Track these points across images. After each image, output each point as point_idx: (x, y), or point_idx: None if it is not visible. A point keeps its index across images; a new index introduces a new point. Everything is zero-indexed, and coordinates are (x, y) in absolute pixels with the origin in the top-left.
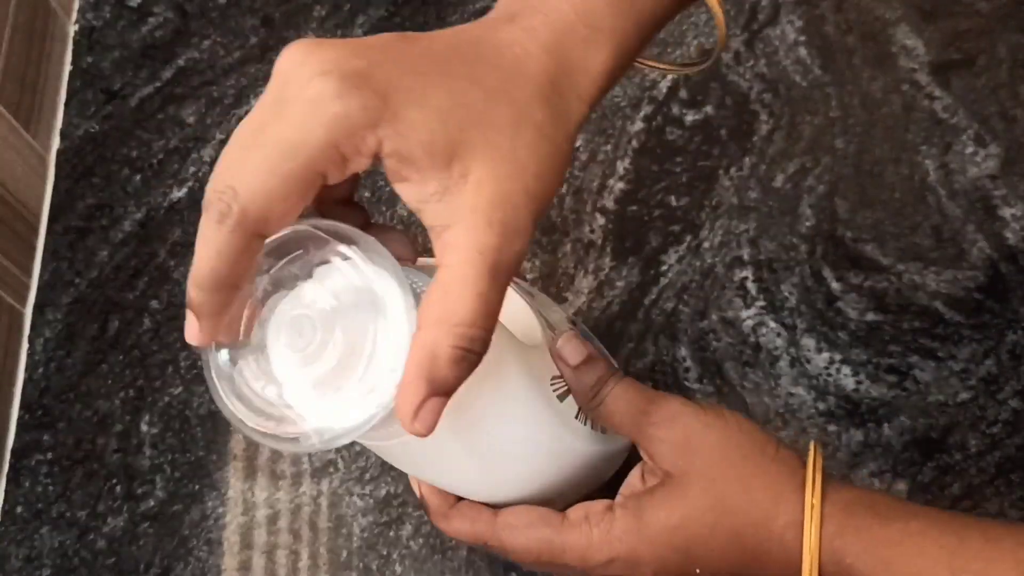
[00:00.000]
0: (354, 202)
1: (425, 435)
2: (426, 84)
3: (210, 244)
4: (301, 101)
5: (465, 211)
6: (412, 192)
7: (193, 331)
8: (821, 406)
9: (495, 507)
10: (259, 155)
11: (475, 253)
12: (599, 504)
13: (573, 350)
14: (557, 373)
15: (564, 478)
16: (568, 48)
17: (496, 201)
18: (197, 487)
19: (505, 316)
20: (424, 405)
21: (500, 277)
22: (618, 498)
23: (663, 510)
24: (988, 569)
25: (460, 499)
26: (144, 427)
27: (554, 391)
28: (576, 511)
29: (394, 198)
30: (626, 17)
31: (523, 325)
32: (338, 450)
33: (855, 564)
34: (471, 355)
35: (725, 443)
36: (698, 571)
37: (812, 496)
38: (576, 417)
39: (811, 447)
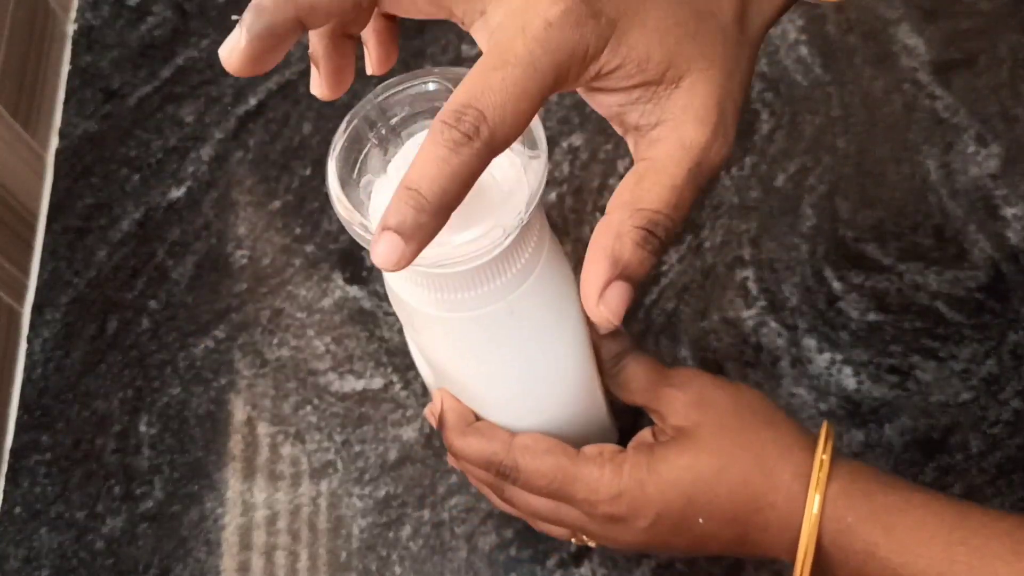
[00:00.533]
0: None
1: (612, 324)
2: (647, 5)
3: (446, 165)
4: (542, 26)
5: (676, 110)
6: (613, 98)
7: (392, 245)
8: (822, 406)
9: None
10: (507, 75)
11: (680, 147)
12: (612, 445)
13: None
14: None
15: (580, 429)
16: None
17: (710, 103)
18: (196, 488)
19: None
20: (609, 287)
21: (700, 175)
22: (629, 447)
23: (673, 452)
24: (987, 545)
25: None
26: (143, 427)
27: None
28: (590, 448)
29: None
30: None
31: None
32: (337, 451)
33: (856, 525)
34: (654, 239)
35: (737, 401)
36: (700, 521)
37: (823, 452)
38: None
39: (824, 424)
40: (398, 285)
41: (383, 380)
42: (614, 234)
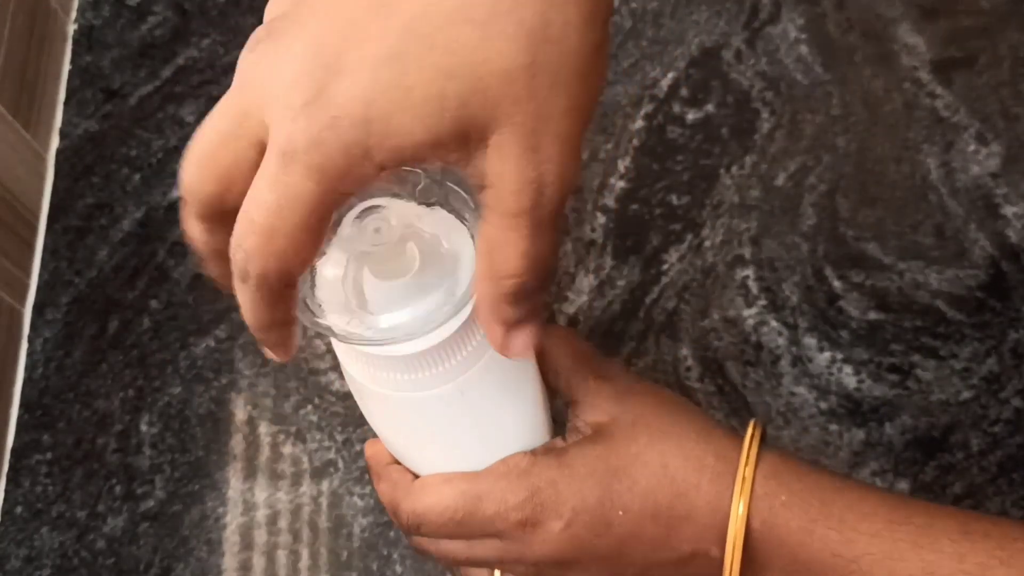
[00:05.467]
0: None
1: (521, 355)
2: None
3: None
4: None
5: (493, 177)
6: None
7: None
8: (823, 405)
9: None
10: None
11: (510, 217)
12: (520, 454)
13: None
14: None
15: None
16: None
17: (523, 156)
18: (197, 487)
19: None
20: (508, 335)
21: (546, 226)
22: (537, 451)
23: (587, 447)
24: (932, 523)
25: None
26: (144, 427)
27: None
28: (495, 463)
29: None
30: None
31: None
32: (338, 450)
33: (791, 502)
34: (527, 295)
35: (658, 397)
36: (620, 514)
37: (751, 436)
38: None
39: (752, 421)
40: (348, 361)
41: None
42: (491, 304)
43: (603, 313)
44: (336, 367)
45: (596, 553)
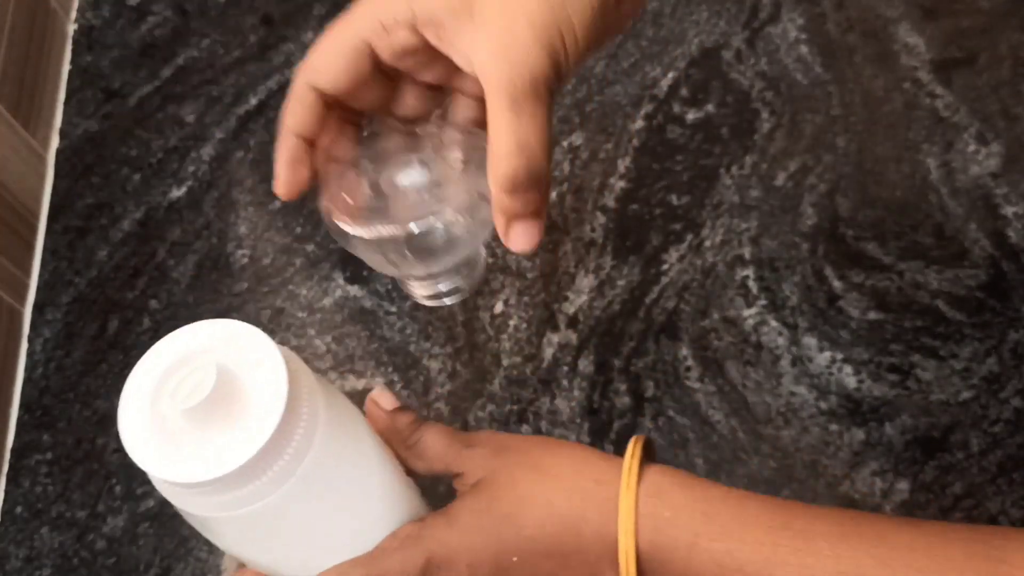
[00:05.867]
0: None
1: (524, 250)
2: None
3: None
4: None
5: (480, 53)
6: (459, 53)
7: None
8: (823, 405)
9: None
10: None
11: (493, 96)
12: (408, 525)
13: (387, 399)
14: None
15: None
16: None
17: (495, 33)
18: None
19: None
20: (509, 227)
21: (521, 105)
22: (426, 517)
23: (470, 500)
24: (811, 526)
25: None
26: None
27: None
28: (384, 539)
29: None
30: None
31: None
32: None
33: (674, 518)
34: (519, 184)
35: (533, 442)
36: (515, 560)
37: (631, 454)
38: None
39: (633, 437)
40: (179, 500)
41: (384, 379)
42: (496, 194)
43: (603, 313)
44: (336, 366)
45: None
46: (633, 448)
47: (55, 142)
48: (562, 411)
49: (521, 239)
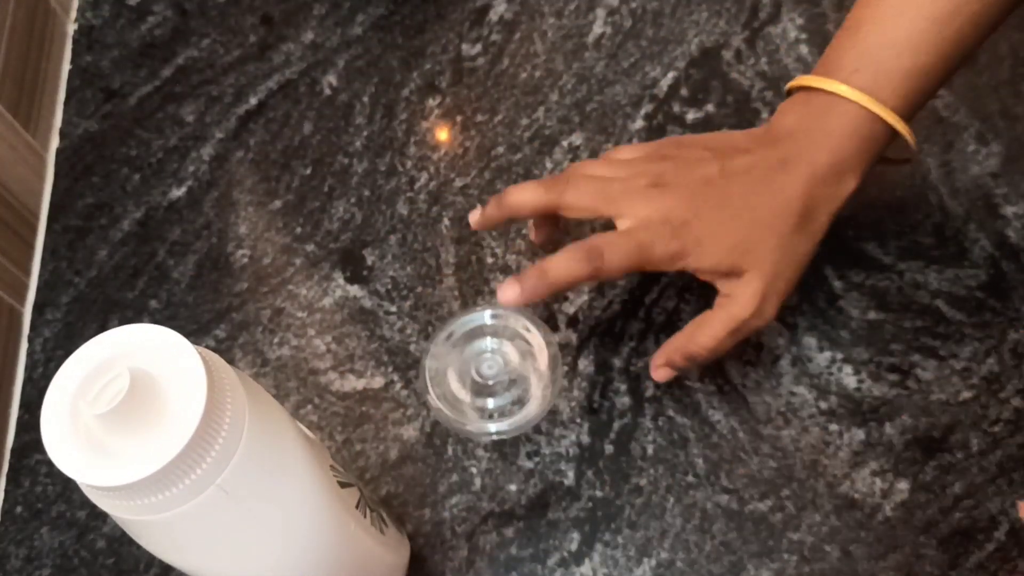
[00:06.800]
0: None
1: (659, 379)
2: (720, 225)
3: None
4: (644, 235)
5: (735, 291)
6: (708, 277)
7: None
8: (823, 405)
9: None
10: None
11: (728, 316)
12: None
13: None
14: (332, 463)
15: (342, 568)
16: (821, 187)
17: (755, 293)
18: None
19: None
20: (661, 369)
21: (738, 333)
22: None
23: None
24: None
25: None
26: None
27: (335, 478)
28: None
29: (394, 197)
30: (870, 156)
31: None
32: (338, 450)
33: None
34: (692, 361)
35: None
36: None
37: None
38: (357, 507)
39: None
40: (102, 504)
41: (384, 379)
42: (672, 349)
43: (603, 313)
44: (336, 366)
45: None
46: None
47: (55, 142)
48: (562, 411)
49: (659, 376)
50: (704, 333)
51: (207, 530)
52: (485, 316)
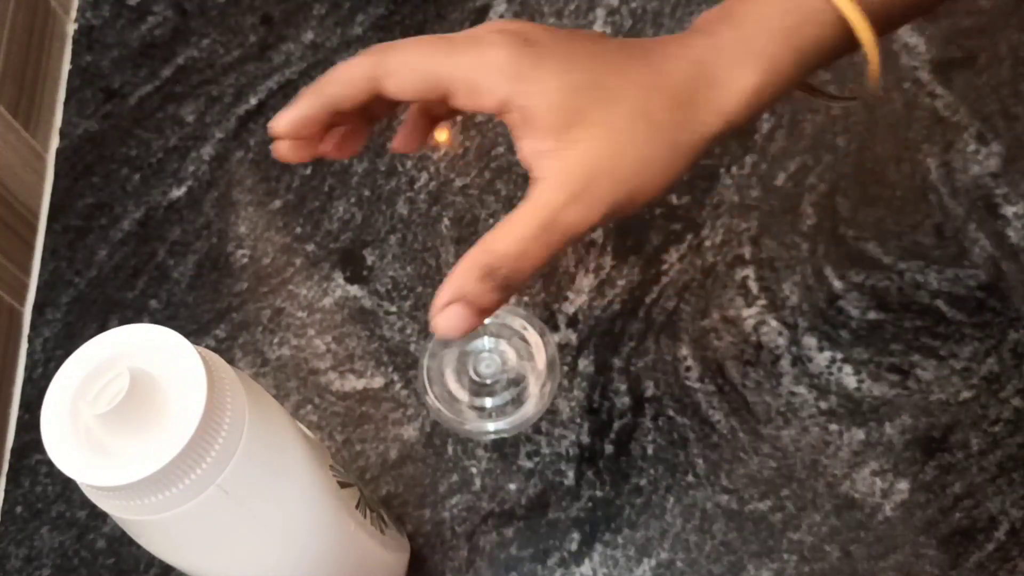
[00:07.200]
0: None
1: (445, 335)
2: (574, 62)
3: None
4: (475, 34)
5: (555, 170)
6: (529, 145)
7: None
8: (823, 405)
9: None
10: (414, 48)
11: (536, 205)
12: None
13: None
14: (331, 463)
15: (341, 569)
16: (715, 65)
17: (579, 171)
18: None
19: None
20: (449, 307)
21: (547, 234)
22: None
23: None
24: None
25: None
26: None
27: (335, 478)
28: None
29: (394, 197)
30: (783, 44)
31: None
32: (338, 450)
33: None
34: (493, 280)
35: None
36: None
37: None
38: (357, 507)
39: None
40: (102, 504)
41: (384, 379)
42: (465, 266)
43: (603, 313)
44: (336, 366)
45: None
46: None
47: (55, 142)
48: (562, 410)
49: (446, 325)
50: (503, 237)
51: (207, 530)
52: None
